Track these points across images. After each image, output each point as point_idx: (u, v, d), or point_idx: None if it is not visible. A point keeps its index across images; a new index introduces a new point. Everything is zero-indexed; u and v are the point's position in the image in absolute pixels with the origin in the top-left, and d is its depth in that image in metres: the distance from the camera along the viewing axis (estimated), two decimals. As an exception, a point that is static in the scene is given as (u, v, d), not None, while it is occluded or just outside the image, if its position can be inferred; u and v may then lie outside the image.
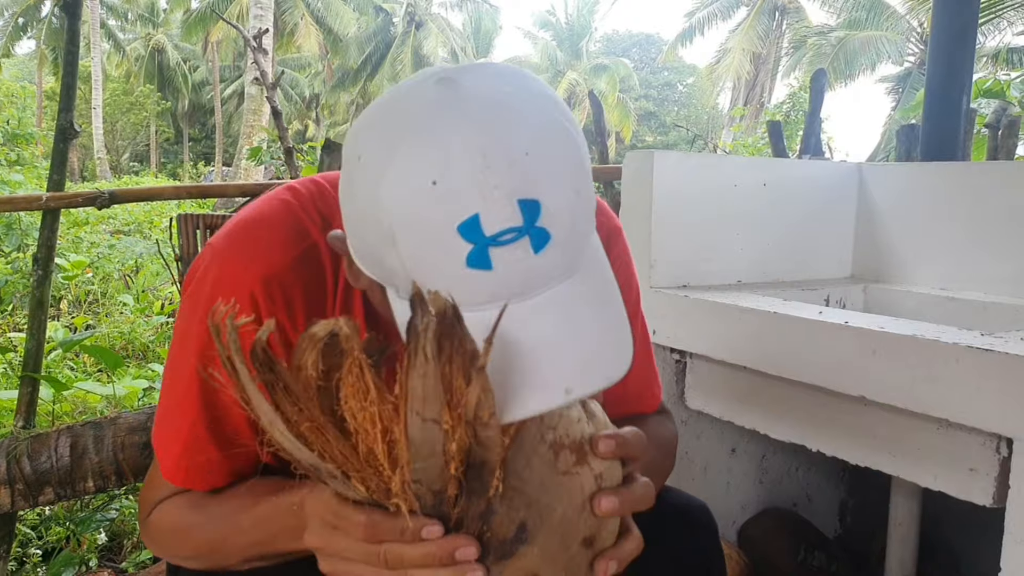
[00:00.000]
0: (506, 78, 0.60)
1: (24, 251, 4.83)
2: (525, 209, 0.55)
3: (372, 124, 0.60)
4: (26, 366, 1.92)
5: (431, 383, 0.50)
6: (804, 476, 1.91)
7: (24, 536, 2.00)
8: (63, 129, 1.87)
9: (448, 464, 0.53)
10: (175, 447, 0.76)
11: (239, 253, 0.73)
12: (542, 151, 0.57)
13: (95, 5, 23.35)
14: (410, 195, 0.55)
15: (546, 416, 0.59)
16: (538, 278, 0.58)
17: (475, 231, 0.54)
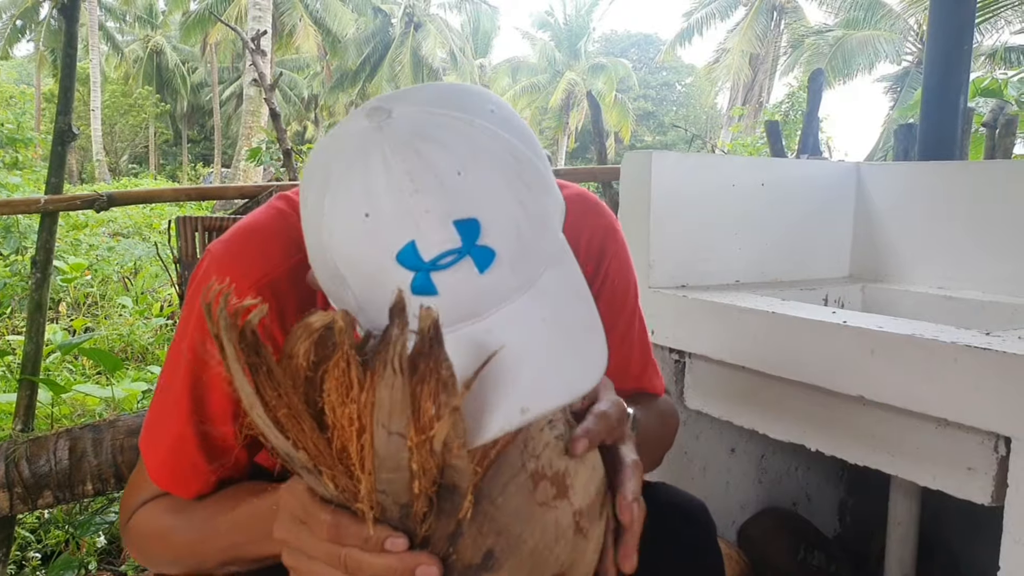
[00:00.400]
0: (443, 98, 0.59)
1: (23, 254, 4.82)
2: (462, 230, 0.54)
3: (311, 163, 0.60)
4: (24, 369, 1.92)
5: (398, 397, 0.49)
6: (803, 476, 1.91)
7: (23, 539, 2.00)
8: (61, 132, 1.87)
9: (414, 479, 0.52)
10: (162, 448, 0.76)
11: (236, 259, 0.74)
12: (476, 168, 0.55)
13: (93, 7, 23.34)
14: (346, 232, 0.54)
15: (530, 443, 0.58)
16: (489, 297, 0.56)
17: (413, 258, 0.53)
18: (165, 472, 0.76)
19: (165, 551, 0.78)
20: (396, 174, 0.54)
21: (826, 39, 21.35)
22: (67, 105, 1.88)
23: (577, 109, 30.07)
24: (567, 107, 30.74)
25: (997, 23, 13.85)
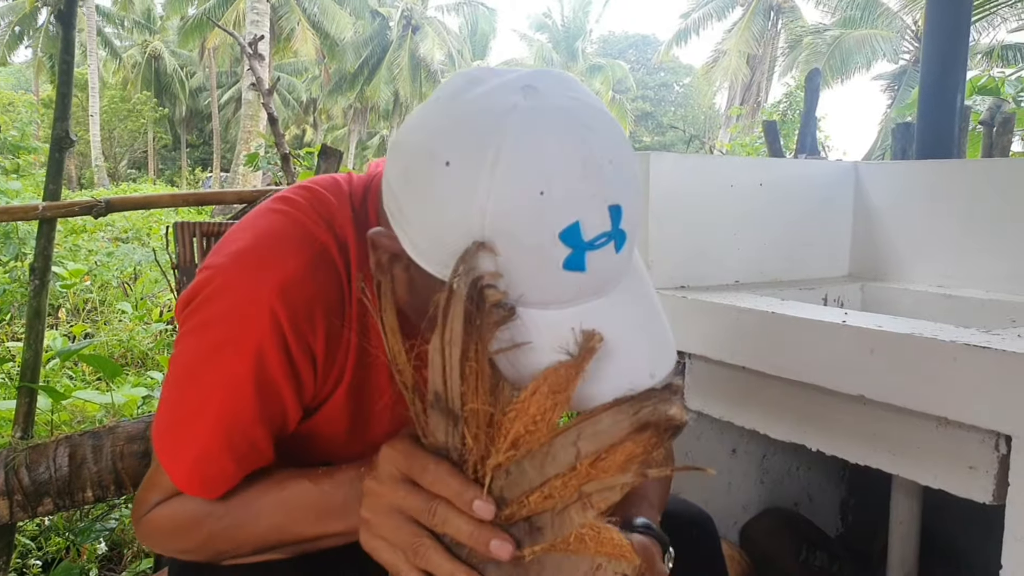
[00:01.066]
0: (569, 85, 0.64)
1: (22, 260, 4.82)
2: (613, 214, 0.59)
3: (455, 128, 0.60)
4: (24, 376, 1.92)
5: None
6: (805, 476, 1.90)
7: (24, 547, 2.00)
8: (59, 138, 1.86)
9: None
10: (187, 459, 0.75)
11: (252, 268, 0.71)
12: (619, 158, 0.61)
13: (91, 13, 23.35)
14: (515, 204, 0.57)
15: (601, 570, 0.60)
16: (616, 276, 0.62)
17: (575, 237, 0.57)
18: (195, 481, 0.75)
19: (191, 539, 0.77)
20: (571, 159, 0.58)
21: (823, 38, 21.38)
22: (64, 111, 1.87)
23: (575, 110, 30.06)
24: (565, 108, 30.76)
25: (994, 21, 13.88)
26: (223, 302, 0.71)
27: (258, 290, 0.70)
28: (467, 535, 0.58)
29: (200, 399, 0.73)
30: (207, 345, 0.72)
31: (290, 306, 0.70)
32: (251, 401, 0.72)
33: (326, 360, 0.75)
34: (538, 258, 0.57)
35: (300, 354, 0.72)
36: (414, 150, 0.62)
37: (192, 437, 0.74)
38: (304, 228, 0.74)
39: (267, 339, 0.70)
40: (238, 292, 0.71)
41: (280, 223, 0.74)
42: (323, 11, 24.74)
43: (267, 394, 0.72)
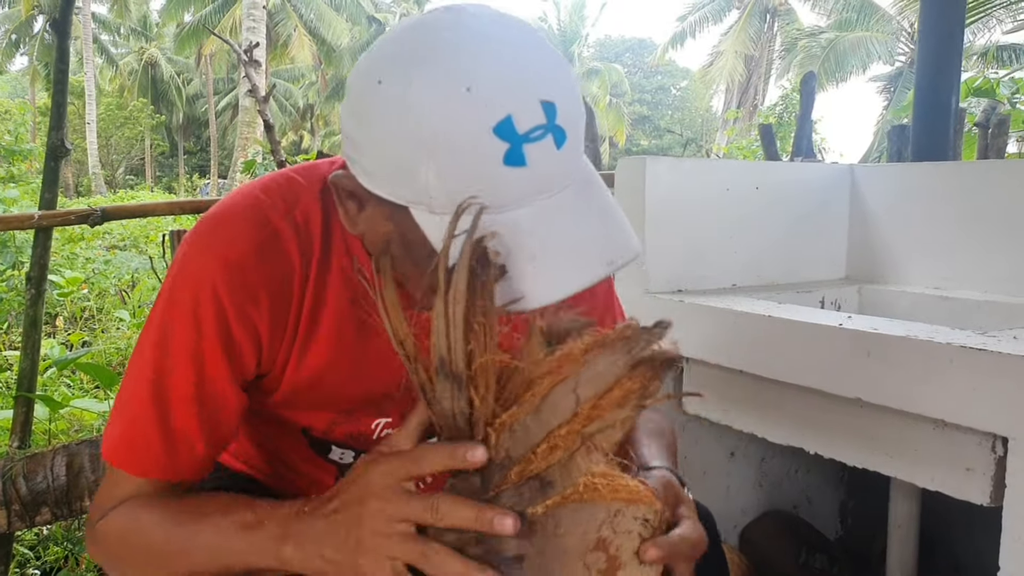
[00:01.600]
0: (498, 11, 0.66)
1: (19, 269, 4.81)
2: (546, 109, 0.60)
3: (384, 52, 0.64)
4: (21, 385, 1.92)
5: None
6: (804, 478, 1.90)
7: (22, 556, 1.99)
8: (54, 147, 1.87)
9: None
10: (120, 421, 0.77)
11: (206, 243, 0.75)
12: (548, 59, 0.63)
13: (87, 20, 23.37)
14: (443, 105, 0.58)
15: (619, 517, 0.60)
16: (560, 175, 0.63)
17: (509, 130, 0.58)
18: (122, 448, 0.76)
19: (137, 552, 0.76)
20: (495, 56, 0.60)
21: (819, 41, 21.42)
22: (60, 120, 1.87)
23: (572, 114, 30.10)
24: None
25: (988, 22, 13.92)
26: (176, 273, 0.75)
27: (205, 266, 0.73)
28: (472, 519, 0.58)
29: (140, 365, 0.75)
30: (156, 316, 0.75)
31: (232, 285, 0.73)
32: (187, 374, 0.74)
33: (272, 339, 0.76)
34: (478, 156, 0.59)
35: (241, 332, 0.74)
36: (354, 89, 0.65)
37: (127, 401, 0.76)
38: (260, 213, 0.76)
39: (207, 314, 0.72)
40: (189, 266, 0.74)
41: (240, 206, 0.77)
42: (320, 17, 24.77)
43: (203, 371, 0.74)
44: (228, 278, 0.72)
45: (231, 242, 0.74)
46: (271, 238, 0.75)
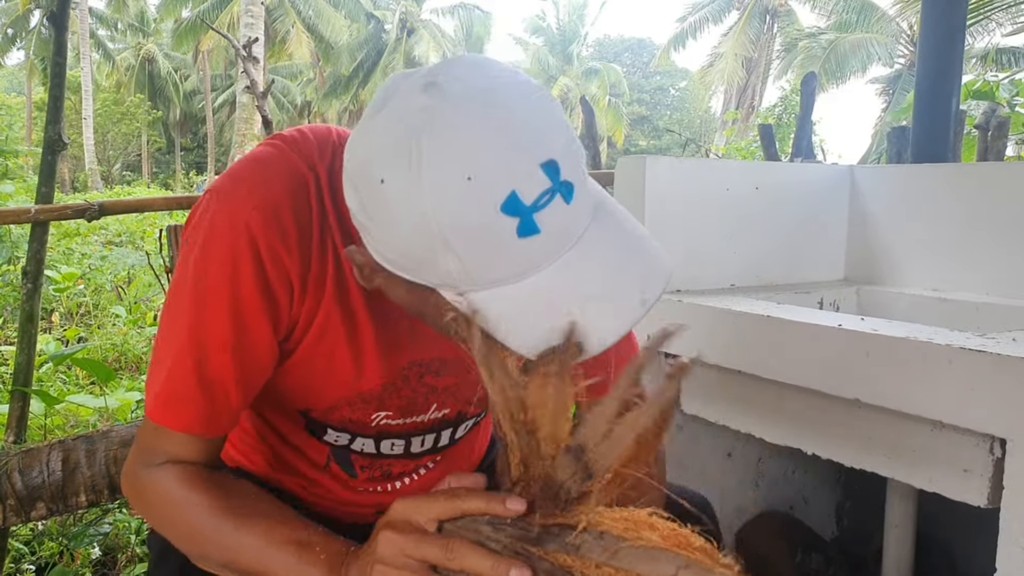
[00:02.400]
0: (477, 65, 0.65)
1: (15, 264, 4.80)
2: (547, 171, 0.60)
3: (379, 146, 0.63)
4: (16, 380, 1.91)
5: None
6: (800, 479, 1.90)
7: (17, 552, 1.98)
8: (51, 141, 1.86)
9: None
10: (158, 379, 0.77)
11: (237, 187, 0.76)
12: (538, 114, 0.62)
13: (84, 15, 23.31)
14: (450, 197, 0.59)
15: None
16: (576, 225, 0.63)
17: (517, 205, 0.59)
18: (160, 401, 0.77)
19: (179, 525, 0.78)
20: (486, 137, 0.59)
21: (819, 42, 21.44)
22: (57, 114, 1.87)
23: (571, 114, 30.13)
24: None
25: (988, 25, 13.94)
26: (208, 221, 0.75)
27: (239, 209, 0.74)
28: (488, 568, 0.60)
29: (177, 315, 0.76)
30: (191, 264, 0.75)
31: (268, 226, 0.73)
32: (224, 320, 0.74)
33: (301, 288, 0.77)
34: (492, 237, 0.60)
35: (276, 275, 0.75)
36: (356, 178, 0.65)
37: (166, 354, 0.77)
38: (290, 161, 0.77)
39: (243, 256, 0.73)
40: (221, 212, 0.75)
41: (269, 154, 0.78)
42: (318, 14, 24.74)
43: (240, 316, 0.75)
44: (263, 218, 0.73)
45: (266, 183, 0.75)
46: (301, 186, 0.76)
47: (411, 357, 0.84)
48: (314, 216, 0.76)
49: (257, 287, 0.74)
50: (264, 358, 0.78)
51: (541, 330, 0.61)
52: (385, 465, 0.95)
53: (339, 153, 0.78)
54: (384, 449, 0.93)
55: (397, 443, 0.92)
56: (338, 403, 0.86)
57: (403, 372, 0.85)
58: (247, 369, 0.77)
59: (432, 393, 0.88)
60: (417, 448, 0.94)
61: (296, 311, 0.78)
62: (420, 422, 0.90)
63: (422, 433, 0.92)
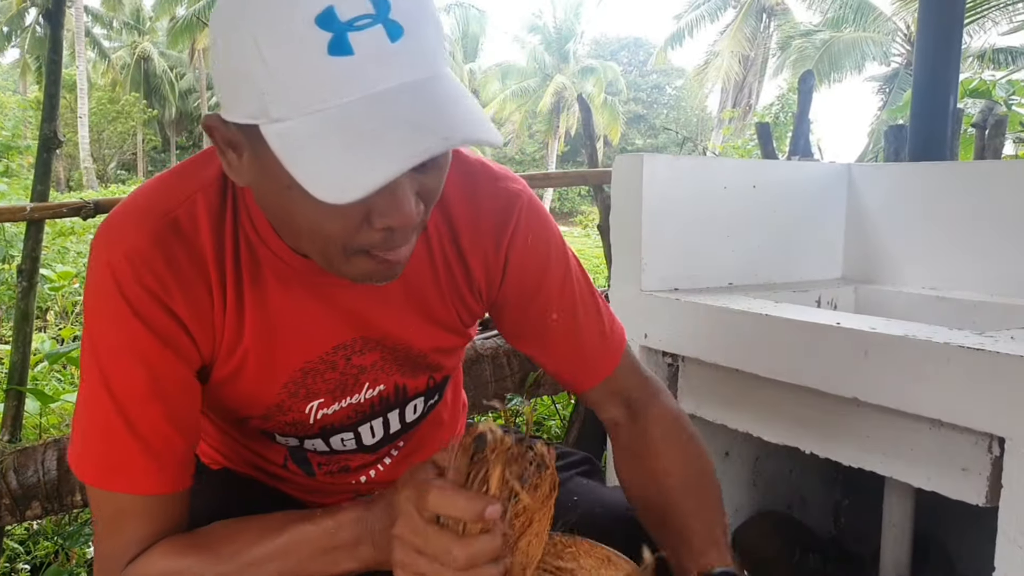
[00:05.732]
0: None
1: (9, 262, 4.78)
2: (376, 2, 0.59)
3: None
4: (11, 379, 1.90)
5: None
6: (798, 478, 1.90)
7: (12, 551, 1.97)
8: (46, 139, 1.85)
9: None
10: (94, 447, 0.74)
11: (101, 250, 0.74)
12: None
13: (80, 13, 23.24)
14: (267, 3, 0.59)
15: None
16: (395, 66, 0.60)
17: (331, 21, 0.58)
18: (104, 467, 0.74)
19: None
20: None
21: (814, 41, 21.47)
22: (52, 112, 1.86)
23: (567, 112, 30.13)
24: (557, 110, 30.80)
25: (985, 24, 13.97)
26: (87, 287, 0.74)
27: (107, 268, 0.72)
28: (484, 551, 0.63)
29: (91, 382, 0.73)
30: (86, 331, 0.74)
31: (137, 274, 0.72)
32: (133, 374, 0.72)
33: (199, 325, 0.75)
34: (303, 48, 0.58)
35: (163, 318, 0.73)
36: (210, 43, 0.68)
37: (92, 421, 0.74)
38: (153, 205, 0.75)
39: (123, 311, 0.72)
40: (93, 274, 0.74)
41: (131, 204, 0.76)
42: (315, 12, 24.70)
43: (147, 364, 0.72)
44: (131, 269, 0.72)
45: (126, 237, 0.73)
46: (169, 225, 0.74)
47: (333, 342, 0.82)
48: (203, 245, 0.74)
49: (150, 334, 0.72)
50: (188, 395, 0.76)
51: (340, 167, 0.58)
52: (342, 460, 0.94)
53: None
54: (336, 446, 0.91)
55: (347, 437, 0.90)
56: (269, 410, 0.84)
57: (327, 357, 0.82)
58: (176, 411, 0.75)
59: (361, 373, 0.85)
60: (369, 439, 0.92)
61: (206, 343, 0.76)
62: (359, 404, 0.88)
63: (367, 419, 0.90)
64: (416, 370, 0.89)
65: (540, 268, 0.88)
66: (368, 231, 0.65)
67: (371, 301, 0.81)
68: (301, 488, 0.98)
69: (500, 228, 0.85)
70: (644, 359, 1.59)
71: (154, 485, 0.74)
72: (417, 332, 0.85)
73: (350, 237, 0.65)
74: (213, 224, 0.75)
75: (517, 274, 0.87)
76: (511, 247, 0.85)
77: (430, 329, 0.86)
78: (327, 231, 0.65)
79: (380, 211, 0.63)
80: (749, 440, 1.67)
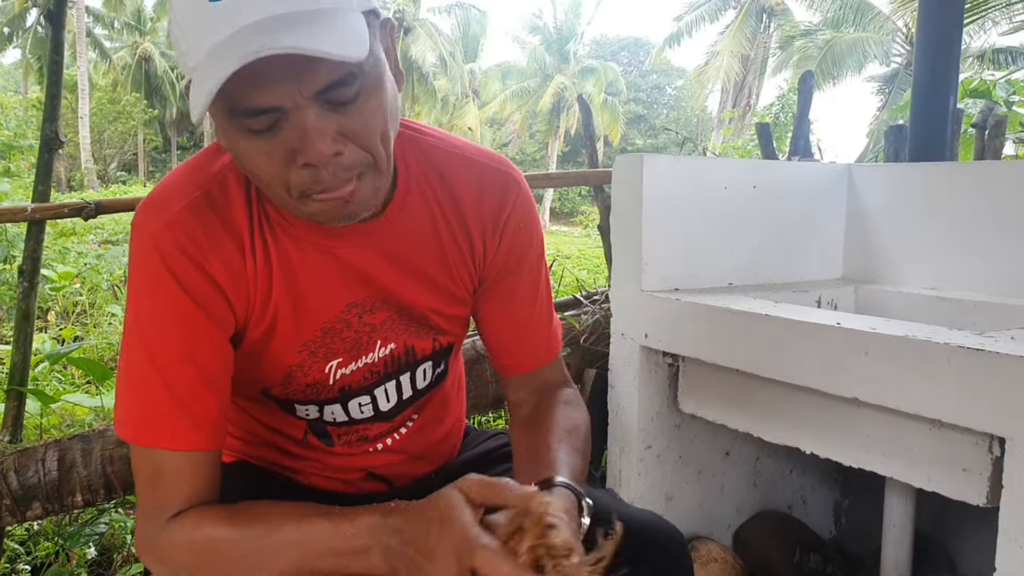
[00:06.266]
0: None
1: (10, 262, 4.78)
2: None
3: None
4: (12, 379, 1.90)
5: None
6: (798, 478, 1.90)
7: (12, 552, 1.98)
8: (48, 139, 1.85)
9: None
10: (134, 407, 0.79)
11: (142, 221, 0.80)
12: None
13: (81, 14, 23.26)
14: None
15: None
16: (267, 4, 0.65)
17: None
18: (143, 424, 0.79)
19: (212, 567, 0.78)
20: None
21: (815, 41, 21.46)
22: (54, 112, 1.86)
23: (567, 112, 30.13)
24: (557, 110, 30.79)
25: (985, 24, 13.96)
26: (131, 252, 0.80)
27: (148, 237, 0.79)
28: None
29: (131, 344, 0.79)
30: (129, 297, 0.81)
31: (176, 241, 0.78)
32: (171, 337, 0.78)
33: (235, 285, 0.81)
34: (194, 2, 0.66)
35: (201, 282, 0.79)
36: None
37: (132, 380, 0.79)
38: (187, 179, 0.82)
39: (164, 276, 0.78)
40: (136, 245, 0.80)
41: (168, 180, 0.83)
42: (315, 13, 24.69)
43: (185, 327, 0.78)
44: (172, 237, 0.78)
45: (166, 210, 0.79)
46: (204, 197, 0.80)
47: (347, 300, 0.87)
48: (236, 215, 0.81)
49: (188, 300, 0.78)
50: (221, 359, 0.82)
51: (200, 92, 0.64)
52: (361, 430, 0.98)
53: None
54: (354, 413, 0.95)
55: (364, 402, 0.95)
56: (291, 371, 0.89)
57: (343, 316, 0.88)
58: (210, 374, 0.80)
59: (373, 331, 0.90)
60: (384, 404, 0.96)
61: (241, 305, 0.82)
62: (373, 364, 0.92)
63: (381, 382, 0.94)
64: (421, 331, 0.94)
65: (523, 249, 0.96)
66: (296, 171, 0.70)
67: (376, 262, 0.87)
68: (318, 469, 1.00)
69: (500, 207, 0.93)
70: (644, 359, 1.59)
71: (190, 442, 0.79)
72: (419, 294, 0.91)
73: (283, 177, 0.71)
74: (242, 196, 0.82)
75: (506, 250, 0.95)
76: (507, 225, 0.93)
77: (431, 292, 0.92)
78: (264, 174, 0.72)
79: (297, 149, 0.69)
80: (749, 440, 1.67)
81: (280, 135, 0.68)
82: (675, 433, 1.66)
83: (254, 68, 0.63)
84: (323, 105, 0.68)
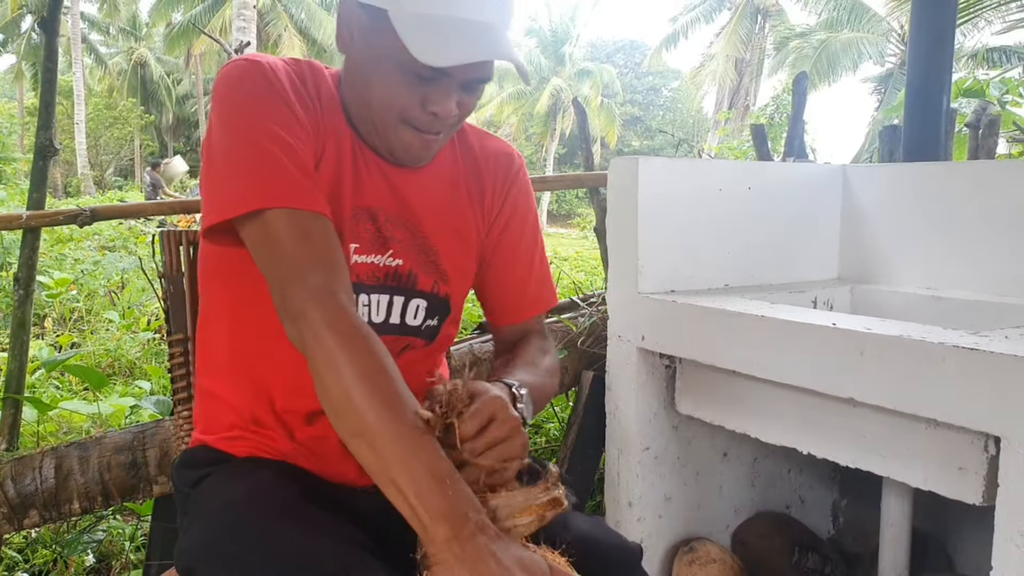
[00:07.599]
0: None
1: (7, 270, 4.77)
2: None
3: None
4: (9, 387, 1.90)
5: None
6: (796, 478, 1.91)
7: (10, 560, 1.97)
8: (42, 147, 1.85)
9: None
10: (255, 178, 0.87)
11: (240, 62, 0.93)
12: None
13: (76, 19, 23.22)
14: None
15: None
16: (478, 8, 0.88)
17: None
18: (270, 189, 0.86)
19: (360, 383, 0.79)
20: None
21: (810, 42, 21.50)
22: (48, 120, 1.86)
23: (564, 115, 30.14)
24: (553, 113, 30.79)
25: (978, 24, 14.00)
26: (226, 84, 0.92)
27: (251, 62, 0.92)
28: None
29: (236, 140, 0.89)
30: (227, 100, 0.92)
31: (275, 65, 0.93)
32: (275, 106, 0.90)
33: (312, 124, 0.93)
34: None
35: (292, 101, 0.91)
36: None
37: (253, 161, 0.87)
38: (271, 58, 0.97)
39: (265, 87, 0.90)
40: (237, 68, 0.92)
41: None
42: (310, 17, 24.67)
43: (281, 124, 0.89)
44: (273, 62, 0.93)
45: (261, 57, 0.94)
46: (289, 63, 0.96)
47: (377, 201, 0.99)
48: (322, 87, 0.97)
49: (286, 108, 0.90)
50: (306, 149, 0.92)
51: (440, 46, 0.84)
52: None
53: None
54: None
55: (363, 302, 0.99)
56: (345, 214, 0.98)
57: (371, 211, 0.99)
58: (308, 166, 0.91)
59: (390, 240, 1.00)
60: (375, 315, 1.00)
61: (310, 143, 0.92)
62: (380, 267, 0.99)
63: (380, 291, 1.00)
64: (427, 267, 1.03)
65: (524, 211, 1.13)
66: (420, 112, 0.91)
67: (410, 192, 1.01)
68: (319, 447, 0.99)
69: (506, 169, 1.12)
70: (641, 361, 1.59)
71: (322, 206, 0.88)
72: (436, 230, 1.04)
73: (407, 110, 0.91)
74: (331, 86, 0.99)
75: (510, 207, 1.11)
76: (512, 186, 1.12)
77: (448, 233, 1.05)
78: (394, 100, 0.91)
79: (433, 100, 0.90)
80: (747, 441, 1.67)
81: (429, 86, 0.89)
82: (673, 434, 1.66)
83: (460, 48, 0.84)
84: (467, 85, 0.92)
